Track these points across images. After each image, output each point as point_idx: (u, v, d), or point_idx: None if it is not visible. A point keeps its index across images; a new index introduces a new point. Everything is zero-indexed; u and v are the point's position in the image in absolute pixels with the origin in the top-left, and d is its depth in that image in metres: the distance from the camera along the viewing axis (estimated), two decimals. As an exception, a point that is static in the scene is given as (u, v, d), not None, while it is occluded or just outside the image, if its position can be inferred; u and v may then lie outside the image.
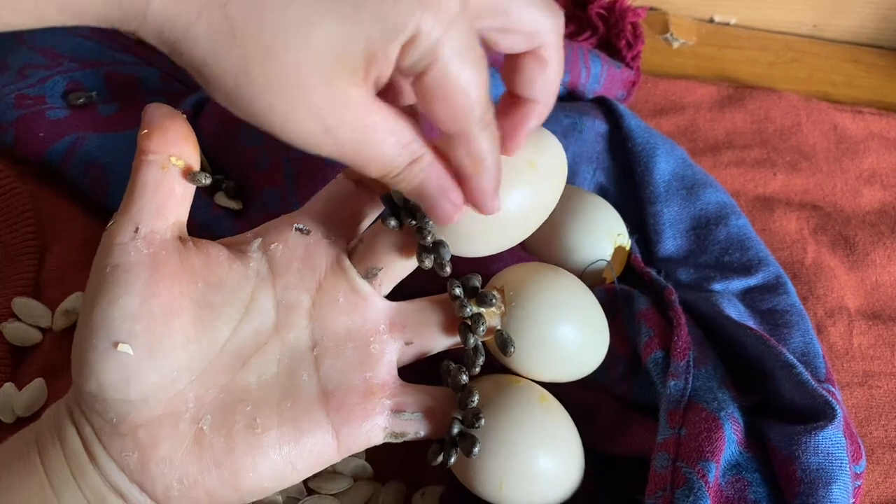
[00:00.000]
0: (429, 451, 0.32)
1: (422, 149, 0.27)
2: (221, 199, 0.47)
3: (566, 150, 0.51)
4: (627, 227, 0.45)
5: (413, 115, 0.28)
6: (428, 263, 0.32)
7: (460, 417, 0.32)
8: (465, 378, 0.32)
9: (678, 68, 0.64)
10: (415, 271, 0.33)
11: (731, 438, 0.34)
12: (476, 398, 0.32)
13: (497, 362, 0.35)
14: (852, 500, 0.34)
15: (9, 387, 0.40)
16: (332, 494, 0.39)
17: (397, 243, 0.32)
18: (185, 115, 0.30)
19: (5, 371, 0.41)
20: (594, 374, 0.39)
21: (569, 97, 0.53)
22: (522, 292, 0.33)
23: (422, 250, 0.32)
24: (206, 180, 0.30)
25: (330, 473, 0.40)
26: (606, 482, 0.38)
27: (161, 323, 0.28)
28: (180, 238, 0.30)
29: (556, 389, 0.39)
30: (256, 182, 0.47)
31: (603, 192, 0.49)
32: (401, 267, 0.33)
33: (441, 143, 0.28)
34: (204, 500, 0.29)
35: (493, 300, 0.33)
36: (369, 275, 0.33)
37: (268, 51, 0.23)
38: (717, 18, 0.68)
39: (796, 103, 0.60)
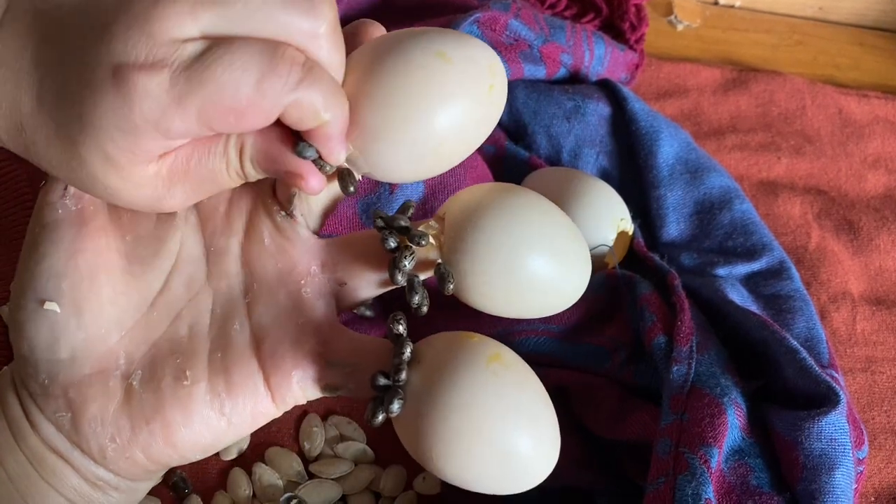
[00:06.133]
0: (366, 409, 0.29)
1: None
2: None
3: (569, 133, 0.51)
4: (630, 211, 0.45)
5: None
6: (351, 189, 0.28)
7: (385, 370, 0.28)
8: (401, 328, 0.28)
9: (682, 51, 0.64)
10: None
11: (733, 424, 0.34)
12: (408, 350, 0.28)
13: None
14: (854, 486, 0.34)
15: (7, 371, 0.40)
16: (333, 479, 0.39)
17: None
18: None
19: (5, 355, 0.41)
20: (597, 360, 0.39)
21: (572, 80, 0.52)
22: (465, 218, 0.29)
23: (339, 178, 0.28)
24: None
25: (331, 458, 0.40)
26: (608, 468, 0.38)
27: (87, 279, 0.28)
28: None
29: (554, 374, 0.39)
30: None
31: (606, 176, 0.49)
32: (320, 196, 0.30)
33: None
34: (141, 459, 0.28)
35: (420, 235, 0.29)
36: (290, 205, 0.30)
37: None
38: (722, 1, 0.68)
39: (801, 87, 0.60)
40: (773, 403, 0.36)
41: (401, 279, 0.29)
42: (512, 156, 0.48)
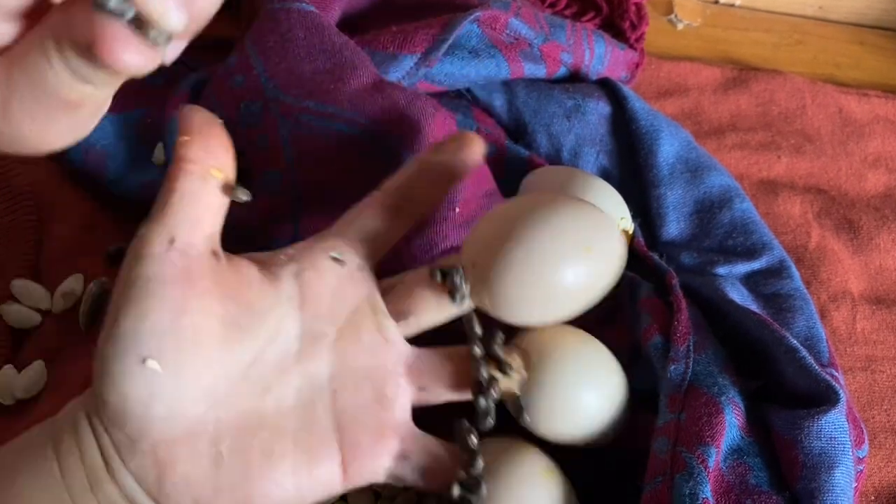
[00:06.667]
0: None
1: None
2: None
3: (569, 132, 0.51)
4: (630, 210, 0.45)
5: None
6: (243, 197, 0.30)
7: (462, 481, 0.31)
8: (474, 441, 0.31)
9: (682, 50, 0.64)
10: None
11: (732, 423, 0.34)
12: (480, 464, 0.31)
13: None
14: (854, 485, 0.34)
15: (8, 369, 0.40)
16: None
17: (437, 294, 0.32)
18: (222, 122, 0.30)
19: (5, 353, 0.41)
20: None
21: (572, 78, 0.52)
22: (546, 359, 0.33)
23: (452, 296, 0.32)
24: (245, 197, 0.30)
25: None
26: (605, 468, 0.38)
27: (190, 341, 0.28)
28: (213, 252, 0.29)
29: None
30: (256, 164, 0.47)
31: (606, 175, 0.49)
32: (432, 318, 0.33)
33: None
34: None
35: (511, 370, 0.33)
36: (399, 318, 0.33)
37: None
38: (722, 0, 0.68)
39: (801, 86, 0.60)
40: (772, 402, 0.36)
41: (483, 406, 0.32)
42: (512, 155, 0.48)
